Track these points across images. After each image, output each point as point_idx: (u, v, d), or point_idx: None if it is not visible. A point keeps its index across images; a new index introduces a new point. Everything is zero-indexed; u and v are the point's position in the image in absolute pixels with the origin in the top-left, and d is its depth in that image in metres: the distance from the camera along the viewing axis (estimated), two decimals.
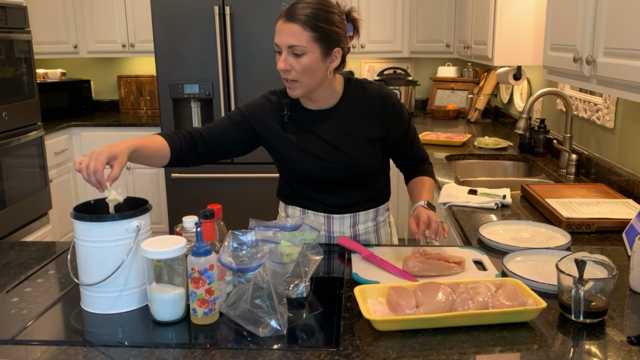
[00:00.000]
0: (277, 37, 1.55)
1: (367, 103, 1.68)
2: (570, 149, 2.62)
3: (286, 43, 1.53)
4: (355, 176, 1.70)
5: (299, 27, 1.52)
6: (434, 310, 1.19)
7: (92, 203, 1.37)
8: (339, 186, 1.72)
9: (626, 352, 1.10)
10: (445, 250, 1.60)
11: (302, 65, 1.54)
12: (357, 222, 1.76)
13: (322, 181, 1.71)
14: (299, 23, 1.52)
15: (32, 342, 1.18)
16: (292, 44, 1.52)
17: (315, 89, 1.62)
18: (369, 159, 1.70)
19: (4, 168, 3.46)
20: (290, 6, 1.56)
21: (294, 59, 1.54)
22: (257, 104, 1.74)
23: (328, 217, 1.75)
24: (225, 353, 1.12)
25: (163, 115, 3.88)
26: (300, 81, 1.57)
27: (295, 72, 1.55)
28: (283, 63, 1.55)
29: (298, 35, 1.52)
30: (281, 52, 1.55)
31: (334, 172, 1.68)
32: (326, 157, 1.67)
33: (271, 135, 1.72)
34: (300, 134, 1.69)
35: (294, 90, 1.60)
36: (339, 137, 1.67)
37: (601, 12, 1.67)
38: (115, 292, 1.29)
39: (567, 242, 1.64)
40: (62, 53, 4.58)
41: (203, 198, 3.95)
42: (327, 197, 1.73)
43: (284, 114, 1.69)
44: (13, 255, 1.68)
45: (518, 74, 3.25)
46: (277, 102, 1.71)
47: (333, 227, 1.75)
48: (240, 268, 1.23)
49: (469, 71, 4.60)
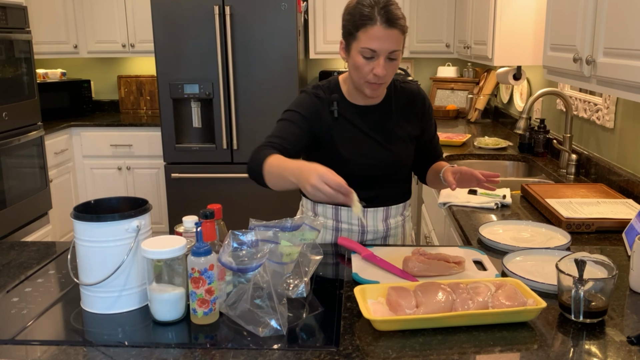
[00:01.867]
0: (378, 43, 1.51)
1: (409, 102, 1.73)
2: (570, 149, 2.62)
3: (388, 49, 1.52)
4: (395, 172, 1.75)
5: (398, 32, 1.52)
6: (434, 310, 1.19)
7: (92, 203, 1.37)
8: (377, 181, 1.75)
9: (626, 352, 1.10)
10: (444, 250, 1.60)
11: (394, 68, 1.56)
12: (389, 216, 1.79)
13: (363, 176, 1.72)
14: (398, 28, 1.52)
15: (32, 342, 1.18)
16: (394, 49, 1.53)
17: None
18: (408, 156, 1.77)
19: (4, 168, 3.46)
20: (385, 10, 1.51)
21: (389, 63, 1.55)
22: (308, 102, 1.69)
23: (363, 212, 1.77)
24: (225, 353, 1.12)
25: (163, 115, 3.88)
26: (386, 82, 1.60)
27: (388, 76, 1.57)
28: (382, 69, 1.53)
29: (398, 40, 1.53)
30: (375, 58, 1.53)
31: (377, 168, 1.71)
32: (371, 152, 1.71)
33: (322, 131, 1.69)
34: (347, 130, 1.70)
35: (378, 90, 1.62)
36: (383, 133, 1.71)
37: (601, 12, 1.67)
38: (115, 292, 1.29)
39: (567, 242, 1.64)
40: (62, 53, 4.58)
41: (203, 198, 3.95)
42: (364, 192, 1.71)
43: (333, 109, 1.68)
44: (13, 255, 1.68)
45: (518, 74, 3.25)
46: (325, 98, 1.69)
47: (367, 220, 1.78)
48: (240, 268, 1.23)
49: (468, 71, 4.59)
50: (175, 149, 3.92)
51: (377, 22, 1.50)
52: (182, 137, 3.97)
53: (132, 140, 4.34)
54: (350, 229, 1.79)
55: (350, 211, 1.77)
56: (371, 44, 1.51)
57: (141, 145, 4.34)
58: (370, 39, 1.51)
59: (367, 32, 1.51)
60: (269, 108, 3.81)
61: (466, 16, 3.74)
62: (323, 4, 4.34)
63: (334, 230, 1.80)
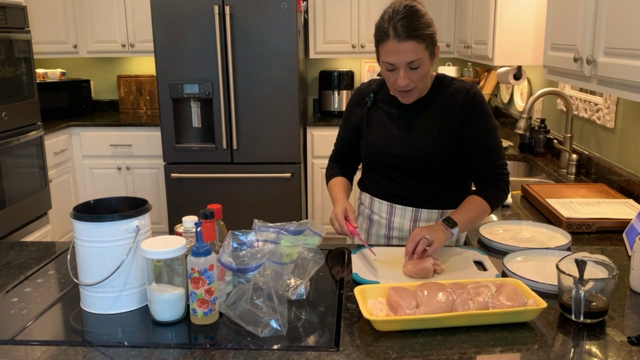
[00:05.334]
0: (394, 57, 1.56)
1: (450, 95, 1.70)
2: (570, 148, 2.62)
3: (405, 61, 1.56)
4: (419, 165, 1.70)
5: (414, 43, 1.55)
6: (434, 311, 1.19)
7: (92, 203, 1.37)
8: (404, 175, 1.73)
9: (626, 352, 1.10)
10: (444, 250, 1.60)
11: (419, 75, 1.60)
12: (419, 219, 1.76)
13: (392, 166, 1.74)
14: (412, 39, 1.54)
15: (31, 342, 1.18)
16: (411, 60, 1.56)
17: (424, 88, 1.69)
18: (436, 149, 1.68)
19: (4, 168, 3.45)
20: (393, 24, 1.55)
21: (412, 72, 1.59)
22: (352, 98, 1.87)
23: (391, 206, 1.77)
24: (225, 353, 1.11)
25: (163, 115, 3.88)
26: (417, 87, 1.63)
27: (413, 83, 1.60)
28: (404, 81, 1.59)
29: (415, 50, 1.55)
30: (395, 69, 1.59)
31: (404, 159, 1.70)
32: (394, 141, 1.71)
33: (358, 119, 1.81)
34: (379, 118, 1.76)
35: (410, 97, 1.66)
36: (415, 125, 1.71)
37: (601, 12, 1.67)
38: (115, 292, 1.28)
39: (568, 242, 1.64)
40: (62, 53, 4.57)
41: (203, 198, 3.95)
42: (391, 185, 1.76)
43: (368, 99, 1.78)
44: (13, 255, 1.68)
45: (518, 74, 3.25)
46: (367, 88, 1.83)
47: (394, 217, 1.77)
48: (240, 268, 1.23)
49: (469, 71, 4.59)
50: (175, 149, 3.91)
51: (390, 38, 1.55)
52: (182, 137, 3.97)
53: (131, 140, 4.34)
54: (380, 221, 1.80)
55: (381, 203, 1.79)
56: (388, 58, 1.58)
57: (141, 145, 4.34)
58: (387, 54, 1.58)
59: (384, 47, 1.58)
60: (269, 108, 3.81)
61: (466, 16, 3.73)
62: (323, 4, 4.34)
63: (368, 219, 1.85)
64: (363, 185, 1.87)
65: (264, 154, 3.89)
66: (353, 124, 1.82)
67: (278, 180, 3.91)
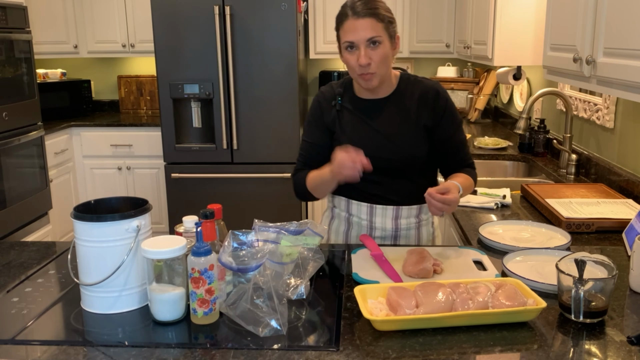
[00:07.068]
0: (353, 34, 1.61)
1: (421, 92, 1.73)
2: (570, 149, 2.62)
3: (365, 37, 1.60)
4: (402, 166, 1.73)
5: (372, 20, 1.60)
6: (434, 310, 1.19)
7: (92, 203, 1.37)
8: (384, 175, 1.74)
9: (626, 352, 1.10)
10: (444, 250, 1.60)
11: (379, 55, 1.62)
12: (400, 216, 1.78)
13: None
14: (370, 16, 1.60)
15: (32, 342, 1.18)
16: (371, 36, 1.60)
17: (386, 77, 1.70)
18: (416, 148, 1.73)
19: (4, 168, 3.46)
20: (351, 5, 1.62)
21: (372, 51, 1.61)
22: (312, 108, 1.83)
23: (371, 207, 1.78)
24: (225, 353, 1.12)
25: (163, 115, 3.88)
26: (378, 72, 1.64)
27: (374, 63, 1.62)
28: (364, 58, 1.61)
29: (373, 27, 1.60)
30: (356, 48, 1.62)
31: (383, 160, 1.71)
32: (375, 144, 1.72)
33: (330, 125, 1.79)
34: (351, 122, 1.76)
35: (371, 81, 1.66)
36: (389, 125, 1.73)
37: (601, 12, 1.67)
38: (115, 292, 1.29)
39: (567, 242, 1.64)
40: (62, 53, 4.58)
41: (203, 198, 3.95)
42: (370, 186, 1.76)
43: (336, 102, 1.78)
44: (13, 255, 1.68)
45: (518, 74, 3.25)
46: (331, 92, 1.80)
47: (375, 217, 1.78)
48: (240, 268, 1.23)
49: (469, 71, 4.59)
50: (175, 149, 3.92)
51: (349, 16, 1.62)
52: (182, 137, 3.97)
53: (132, 140, 4.34)
54: (360, 223, 1.80)
55: (360, 205, 1.79)
56: (347, 36, 1.62)
57: (141, 145, 4.34)
58: (346, 33, 1.62)
59: (343, 28, 1.64)
60: (269, 108, 3.81)
61: (466, 16, 3.74)
62: (323, 4, 4.34)
63: (346, 221, 1.84)
64: (337, 189, 1.82)
65: (264, 154, 3.89)
66: (325, 127, 1.78)
67: (278, 180, 3.91)
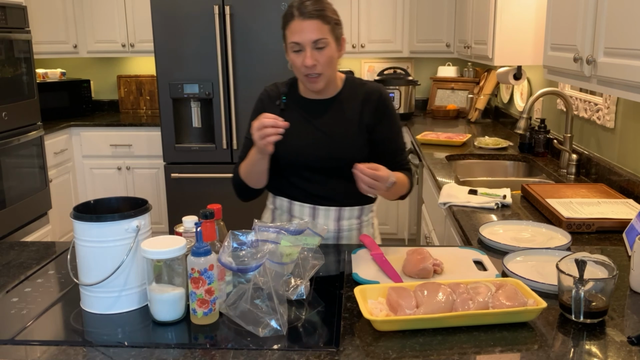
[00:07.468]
0: (299, 36, 1.62)
1: (365, 93, 1.76)
2: (570, 149, 2.62)
3: (311, 39, 1.61)
4: (343, 166, 1.71)
5: (318, 22, 1.61)
6: (434, 311, 1.19)
7: (92, 203, 1.37)
8: (326, 175, 1.76)
9: (626, 352, 1.10)
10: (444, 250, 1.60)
11: (325, 57, 1.64)
12: (342, 217, 1.80)
13: (312, 168, 1.75)
14: (317, 18, 1.61)
15: (31, 342, 1.18)
16: (317, 38, 1.61)
17: (332, 79, 1.72)
18: (358, 149, 1.75)
19: (4, 168, 3.46)
20: (298, 6, 1.63)
21: (318, 53, 1.63)
22: (256, 107, 1.83)
23: (313, 209, 1.79)
24: (225, 353, 1.12)
25: (163, 115, 3.88)
26: (324, 73, 1.66)
27: (320, 65, 1.64)
28: (310, 59, 1.62)
29: (320, 29, 1.61)
30: (302, 50, 1.63)
31: (324, 160, 1.73)
32: (317, 144, 1.73)
33: None
34: (294, 121, 1.75)
35: (318, 83, 1.68)
36: (332, 125, 1.74)
37: (601, 12, 1.67)
38: (115, 292, 1.29)
39: (568, 242, 1.64)
40: (62, 53, 4.58)
41: (203, 198, 3.95)
42: (313, 187, 1.78)
43: (280, 101, 1.79)
44: (13, 255, 1.68)
45: (518, 74, 3.25)
46: (276, 91, 1.82)
47: (318, 219, 1.80)
48: (240, 268, 1.23)
49: (469, 71, 4.59)
50: (175, 149, 3.91)
51: (295, 17, 1.63)
52: (182, 137, 3.97)
53: (131, 140, 4.34)
54: None
55: (303, 206, 1.80)
56: (294, 37, 1.63)
57: (141, 145, 4.34)
58: (292, 33, 1.63)
59: (289, 29, 1.65)
60: None
61: (466, 16, 3.73)
62: None
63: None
64: (278, 189, 1.86)
65: None
66: None
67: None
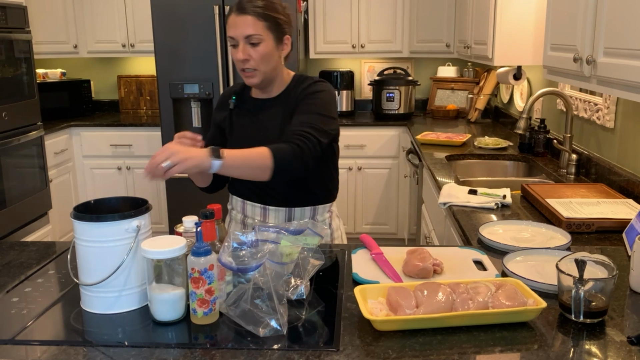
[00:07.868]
0: (232, 30, 1.66)
1: (300, 92, 1.75)
2: (570, 148, 2.62)
3: (243, 34, 1.64)
4: None
5: (253, 18, 1.63)
6: (434, 310, 1.19)
7: (92, 203, 1.37)
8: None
9: (626, 352, 1.10)
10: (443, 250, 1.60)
11: (259, 53, 1.65)
12: (292, 218, 1.82)
13: None
14: (252, 14, 1.63)
15: (32, 342, 1.18)
16: (249, 34, 1.63)
17: (271, 77, 1.73)
18: None
19: (4, 168, 3.46)
20: (238, 2, 1.66)
21: (251, 48, 1.65)
22: (219, 101, 1.90)
23: (264, 209, 1.82)
24: (225, 353, 1.12)
25: (163, 115, 3.88)
26: (259, 69, 1.68)
27: (253, 61, 1.66)
28: (242, 53, 1.65)
29: (253, 25, 1.63)
30: (237, 44, 1.66)
31: None
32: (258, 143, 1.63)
33: (223, 122, 1.86)
34: (242, 121, 1.81)
35: (252, 78, 1.70)
36: (272, 125, 1.76)
37: (601, 12, 1.67)
38: (115, 292, 1.29)
39: (567, 242, 1.64)
40: (62, 53, 4.58)
41: (203, 198, 3.94)
42: (260, 186, 1.79)
43: (230, 101, 1.83)
44: (13, 255, 1.68)
45: (518, 74, 3.25)
46: (230, 91, 1.87)
47: (268, 218, 1.82)
48: (240, 268, 1.23)
49: (469, 71, 4.59)
50: None
51: (232, 12, 1.67)
52: None
53: (132, 140, 4.34)
54: (254, 224, 1.82)
55: (254, 206, 1.83)
56: (229, 31, 1.67)
57: (141, 145, 4.34)
58: (229, 28, 1.67)
59: (227, 23, 1.69)
60: None
61: (466, 16, 3.74)
62: (323, 4, 4.34)
63: (242, 223, 1.89)
64: (234, 188, 1.89)
65: None
66: (217, 126, 1.87)
67: None
